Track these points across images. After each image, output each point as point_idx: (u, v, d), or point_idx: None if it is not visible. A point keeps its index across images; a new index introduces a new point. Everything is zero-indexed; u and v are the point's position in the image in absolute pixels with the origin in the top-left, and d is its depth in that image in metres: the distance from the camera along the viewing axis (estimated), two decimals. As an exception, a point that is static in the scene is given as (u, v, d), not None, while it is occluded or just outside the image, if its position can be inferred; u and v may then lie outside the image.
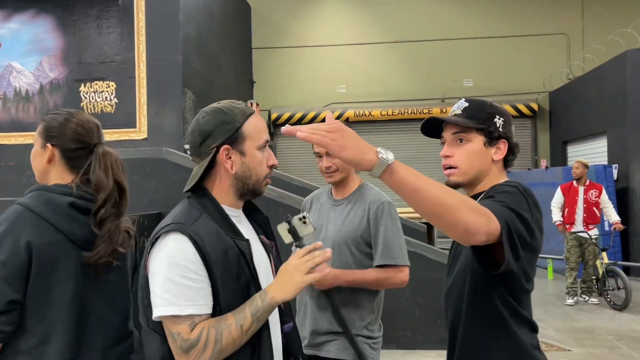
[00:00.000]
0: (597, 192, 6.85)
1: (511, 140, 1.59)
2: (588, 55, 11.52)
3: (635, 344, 5.30)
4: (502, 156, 1.58)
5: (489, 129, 1.55)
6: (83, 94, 9.01)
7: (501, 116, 1.58)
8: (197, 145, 1.44)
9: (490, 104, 1.61)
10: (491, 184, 1.56)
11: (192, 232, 1.33)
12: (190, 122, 6.37)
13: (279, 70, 13.46)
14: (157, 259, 1.33)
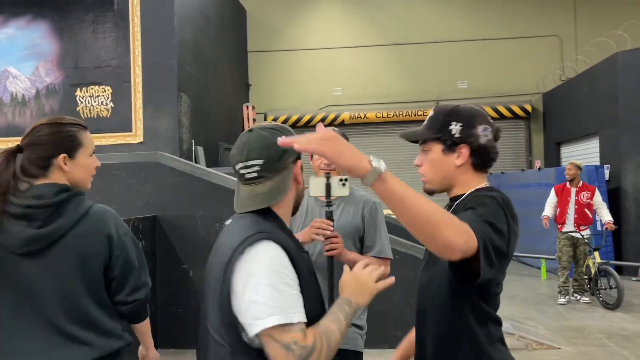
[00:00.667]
0: (589, 194, 6.94)
1: (474, 143, 1.58)
2: (580, 57, 11.63)
3: (624, 342, 5.38)
4: (464, 161, 1.59)
5: (443, 137, 1.59)
6: (79, 98, 9.07)
7: (459, 121, 1.59)
8: (275, 160, 1.42)
9: (450, 111, 1.62)
10: (468, 188, 1.61)
11: (282, 240, 1.35)
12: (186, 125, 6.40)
13: (275, 73, 13.54)
14: (252, 268, 1.29)
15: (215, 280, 1.35)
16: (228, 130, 11.79)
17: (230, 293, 1.30)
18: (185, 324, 5.16)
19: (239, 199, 1.44)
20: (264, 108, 13.51)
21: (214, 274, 1.37)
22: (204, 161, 9.55)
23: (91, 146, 1.85)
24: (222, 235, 1.46)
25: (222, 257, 1.35)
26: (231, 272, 1.30)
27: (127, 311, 1.82)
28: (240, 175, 1.44)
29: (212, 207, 5.17)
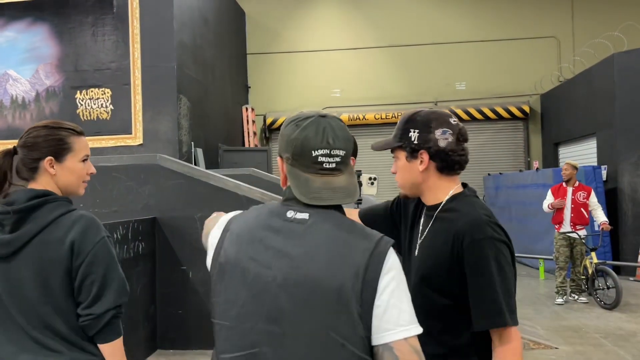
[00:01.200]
0: (585, 194, 7.00)
1: (432, 148, 1.61)
2: (577, 58, 11.68)
3: (620, 341, 5.43)
4: (426, 166, 1.62)
5: (404, 145, 1.64)
6: (79, 100, 9.12)
7: (416, 128, 1.63)
8: (350, 155, 1.31)
9: (409, 118, 1.67)
10: (440, 194, 1.64)
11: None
12: (185, 127, 6.44)
13: (274, 75, 13.60)
14: (392, 274, 1.20)
15: (328, 283, 1.16)
16: (227, 132, 11.84)
17: (373, 300, 1.17)
18: (184, 325, 5.20)
19: (316, 189, 1.25)
20: (263, 110, 13.56)
21: (321, 277, 1.17)
22: (203, 163, 9.59)
23: (83, 152, 1.84)
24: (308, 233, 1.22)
25: (334, 256, 1.19)
26: (374, 278, 1.17)
27: (82, 325, 1.69)
28: (318, 162, 1.25)
29: (211, 209, 5.17)
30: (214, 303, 1.27)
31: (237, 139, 12.62)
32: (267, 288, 1.19)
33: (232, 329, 1.22)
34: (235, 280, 1.23)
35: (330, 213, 1.26)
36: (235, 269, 1.23)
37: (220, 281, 1.26)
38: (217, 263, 1.27)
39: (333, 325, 1.16)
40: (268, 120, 13.43)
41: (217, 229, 1.34)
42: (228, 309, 1.24)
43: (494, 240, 1.52)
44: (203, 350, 5.10)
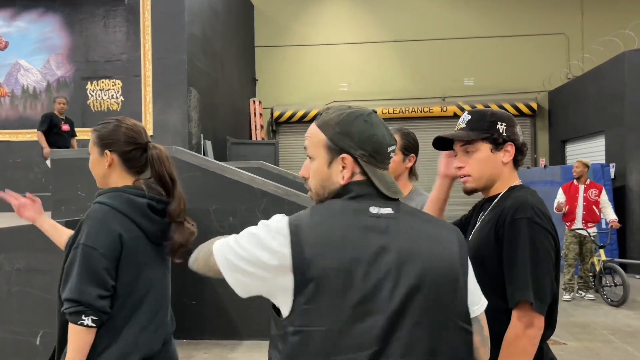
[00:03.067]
0: (597, 192, 7.03)
1: (517, 141, 1.71)
2: (587, 55, 11.67)
3: (629, 338, 5.47)
4: (511, 158, 1.71)
5: (493, 136, 1.70)
6: (90, 91, 9.16)
7: (503, 121, 1.70)
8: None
9: (492, 112, 1.73)
10: (505, 185, 1.72)
11: None
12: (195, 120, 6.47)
13: (282, 68, 13.60)
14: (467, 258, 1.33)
15: (441, 271, 1.24)
16: (234, 125, 11.86)
17: (467, 281, 1.28)
18: (199, 315, 5.25)
19: (391, 183, 1.30)
20: (271, 103, 13.57)
21: (432, 263, 1.23)
22: (212, 155, 9.63)
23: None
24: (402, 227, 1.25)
25: (437, 245, 1.26)
26: (466, 262, 1.30)
27: None
28: (389, 158, 1.32)
29: (225, 201, 5.25)
30: (305, 310, 1.17)
31: (245, 131, 12.65)
32: (383, 285, 1.18)
33: (343, 333, 1.17)
34: (338, 285, 1.17)
35: (404, 205, 1.31)
36: (338, 276, 1.17)
37: (316, 290, 1.17)
38: (307, 278, 1.17)
39: (449, 311, 1.24)
40: (275, 113, 13.45)
41: (270, 251, 1.19)
42: (332, 313, 1.17)
43: (533, 222, 1.57)
44: (217, 341, 5.16)
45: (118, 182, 1.88)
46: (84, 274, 1.73)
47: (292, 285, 1.18)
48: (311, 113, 13.26)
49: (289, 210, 5.17)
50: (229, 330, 5.18)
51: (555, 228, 1.62)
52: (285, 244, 1.18)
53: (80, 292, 1.72)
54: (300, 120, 13.33)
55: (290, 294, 1.18)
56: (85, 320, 1.71)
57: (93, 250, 1.74)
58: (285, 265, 1.18)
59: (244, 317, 5.22)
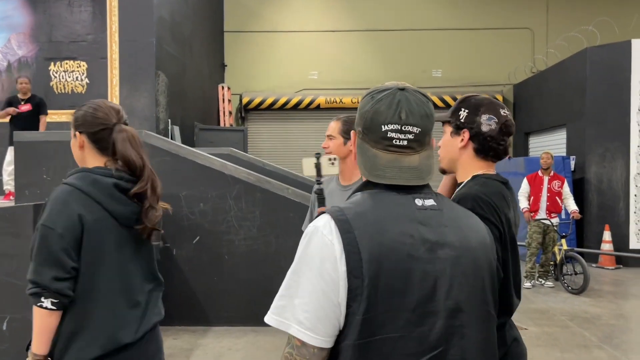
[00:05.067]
0: (560, 183, 7.27)
1: (473, 129, 1.72)
2: (551, 50, 11.97)
3: (585, 323, 5.71)
4: (464, 144, 1.74)
5: (452, 120, 1.78)
6: (53, 72, 8.87)
7: (467, 108, 1.75)
8: (427, 133, 1.23)
9: (464, 98, 1.80)
10: (468, 173, 1.75)
11: None
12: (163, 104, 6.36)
13: (251, 54, 13.47)
14: None
15: (485, 262, 1.21)
16: (203, 111, 11.71)
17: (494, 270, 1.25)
18: (167, 302, 5.19)
19: (380, 167, 1.19)
20: (240, 89, 13.45)
21: (474, 253, 1.19)
22: (180, 141, 9.49)
23: None
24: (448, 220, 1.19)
25: (476, 234, 1.22)
26: (495, 252, 1.28)
27: None
28: (387, 138, 1.19)
29: (196, 187, 5.22)
30: (365, 320, 1.07)
31: (213, 118, 12.50)
32: (441, 283, 1.12)
33: (403, 338, 1.08)
34: (398, 285, 1.09)
35: (439, 194, 1.25)
36: (395, 274, 1.08)
37: (374, 294, 1.07)
38: (364, 279, 1.07)
39: (488, 301, 1.21)
40: (244, 99, 13.33)
41: (325, 246, 1.10)
42: (394, 318, 1.08)
43: (474, 214, 1.59)
44: (186, 327, 5.14)
45: (92, 163, 1.86)
46: (42, 254, 1.70)
47: (344, 291, 1.08)
48: (280, 100, 13.21)
49: (261, 197, 5.18)
50: (198, 317, 5.17)
51: (501, 218, 1.62)
52: (337, 239, 1.09)
53: (37, 274, 1.69)
54: (269, 107, 13.27)
55: (343, 302, 1.08)
56: (44, 302, 1.68)
57: (51, 231, 1.69)
58: (337, 255, 1.09)
59: (213, 303, 5.21)
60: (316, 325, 1.07)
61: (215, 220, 5.18)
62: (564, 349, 4.88)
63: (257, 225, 5.19)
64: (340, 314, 1.08)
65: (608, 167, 9.22)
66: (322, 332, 1.08)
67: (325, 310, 1.07)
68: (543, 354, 4.76)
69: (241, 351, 4.57)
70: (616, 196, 9.13)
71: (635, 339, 5.43)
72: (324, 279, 1.08)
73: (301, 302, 1.09)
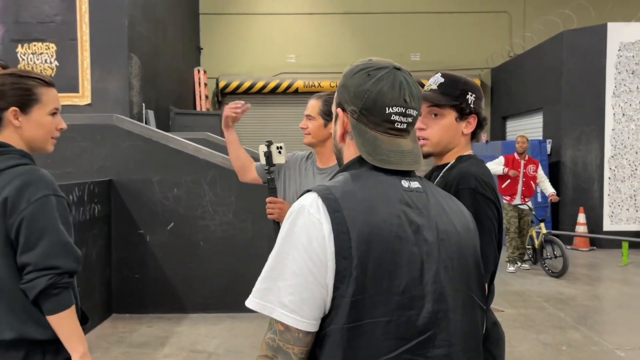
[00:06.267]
0: (534, 167, 7.28)
1: (481, 115, 1.71)
2: (528, 34, 12.00)
3: (560, 304, 5.79)
4: (472, 130, 1.71)
5: (461, 105, 1.67)
6: (20, 55, 8.57)
7: (473, 92, 1.69)
8: (418, 116, 1.21)
9: (465, 81, 1.71)
10: (457, 155, 1.71)
11: None
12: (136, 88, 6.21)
13: (228, 37, 13.23)
14: None
15: (470, 247, 1.18)
16: (178, 94, 11.49)
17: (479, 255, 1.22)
18: (141, 289, 5.12)
19: (385, 151, 1.13)
20: (216, 73, 13.22)
21: (459, 237, 1.16)
22: (154, 125, 9.29)
23: (52, 104, 1.70)
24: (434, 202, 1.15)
25: (460, 219, 1.19)
26: (478, 239, 1.23)
27: (24, 290, 1.58)
28: (390, 121, 1.13)
29: (169, 172, 5.09)
30: (354, 302, 1.02)
31: (189, 102, 12.28)
32: (427, 267, 1.08)
33: (392, 322, 1.04)
34: (387, 267, 1.04)
35: (424, 179, 1.20)
36: (384, 255, 1.04)
37: (363, 276, 1.02)
38: (353, 260, 1.02)
39: (472, 287, 1.17)
40: (221, 83, 13.11)
41: (313, 226, 1.04)
42: (383, 301, 1.04)
43: (477, 193, 1.56)
44: (161, 314, 5.06)
45: None
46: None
47: (332, 272, 1.03)
48: (258, 84, 13.03)
49: (237, 182, 5.06)
50: (173, 304, 5.09)
51: (498, 198, 1.63)
52: (325, 218, 1.04)
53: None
54: (246, 91, 13.08)
55: (330, 283, 1.03)
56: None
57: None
58: (326, 234, 1.03)
59: (188, 290, 5.13)
60: (301, 307, 1.02)
61: (189, 206, 5.08)
62: (540, 330, 4.93)
63: (232, 210, 5.09)
64: (327, 296, 1.03)
65: (583, 150, 9.32)
66: (307, 315, 1.03)
67: (312, 292, 1.02)
68: (519, 335, 4.80)
69: (217, 338, 4.50)
70: (591, 179, 9.25)
71: (608, 319, 5.51)
72: (312, 259, 1.02)
73: (286, 284, 1.03)
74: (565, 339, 4.69)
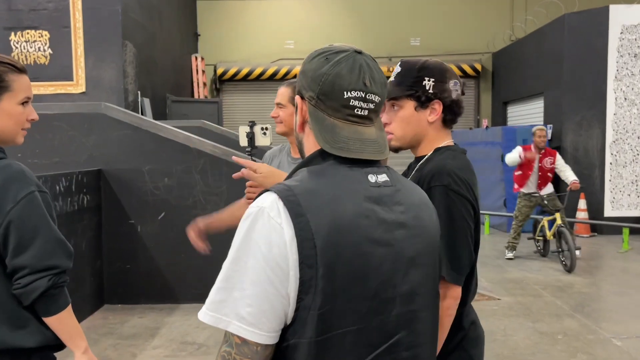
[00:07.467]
0: (552, 159, 6.88)
1: (446, 99, 1.56)
2: (530, 17, 11.80)
3: (558, 292, 5.72)
4: (437, 117, 1.57)
5: (417, 93, 1.55)
6: (14, 43, 8.48)
7: (432, 77, 1.55)
8: (382, 103, 1.13)
9: (421, 66, 1.58)
10: (432, 146, 1.60)
11: None
12: (131, 76, 6.09)
13: (225, 23, 13.08)
14: None
15: (435, 239, 1.13)
16: (175, 82, 11.38)
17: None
18: (133, 279, 5.08)
19: (343, 138, 1.05)
20: (214, 60, 13.09)
21: (428, 232, 1.11)
22: (150, 113, 9.21)
23: (23, 93, 1.57)
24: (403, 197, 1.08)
25: (427, 212, 1.13)
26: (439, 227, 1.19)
27: (18, 296, 1.49)
28: (349, 107, 1.05)
29: (160, 161, 5.02)
30: (322, 315, 0.95)
31: (186, 89, 12.18)
32: (397, 267, 1.02)
33: (364, 329, 0.98)
34: (356, 273, 0.97)
35: (391, 169, 1.13)
36: (353, 260, 0.97)
37: (330, 285, 0.95)
38: (319, 268, 0.94)
39: (437, 279, 1.14)
40: (219, 70, 12.99)
41: (274, 231, 0.95)
42: (353, 309, 0.97)
43: (450, 190, 1.47)
44: (152, 305, 5.02)
45: None
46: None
47: (295, 282, 0.94)
48: (256, 71, 12.90)
49: (227, 171, 5.01)
50: (165, 294, 5.05)
51: (475, 194, 1.52)
52: (286, 223, 0.94)
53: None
54: (244, 78, 12.96)
55: (292, 294, 0.95)
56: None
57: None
58: (287, 242, 0.94)
59: (180, 280, 5.08)
60: (260, 319, 0.94)
61: (180, 196, 5.01)
62: (536, 319, 4.87)
63: (224, 200, 5.02)
64: (289, 306, 0.95)
65: (584, 136, 9.19)
66: (267, 328, 0.95)
67: (272, 302, 0.94)
68: (515, 324, 4.74)
69: (208, 329, 4.46)
70: (592, 164, 9.13)
71: (606, 306, 5.45)
72: (271, 267, 0.94)
73: (243, 294, 0.95)
74: (562, 328, 4.63)
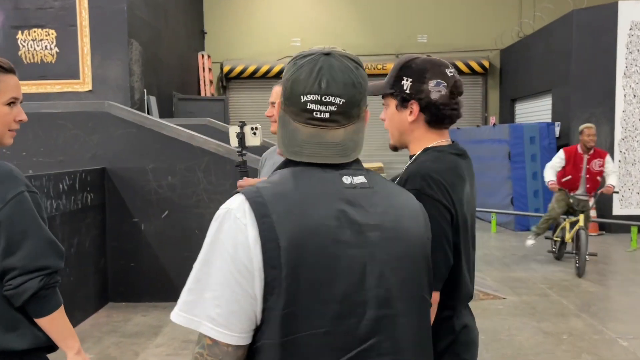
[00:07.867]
0: (601, 162, 6.45)
1: (423, 100, 1.53)
2: (538, 13, 11.69)
3: (564, 291, 5.67)
4: (415, 117, 1.55)
5: (395, 92, 1.55)
6: (21, 42, 8.52)
7: (410, 76, 1.54)
8: (355, 105, 1.08)
9: (403, 65, 1.57)
10: (422, 146, 1.58)
11: None
12: (137, 74, 6.10)
13: (232, 20, 13.08)
14: None
15: (419, 243, 1.10)
16: (182, 80, 11.40)
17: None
18: (136, 277, 5.09)
19: (298, 142, 1.04)
20: (220, 57, 13.10)
21: (409, 235, 1.08)
22: (156, 112, 9.24)
23: (10, 93, 1.55)
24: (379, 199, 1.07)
25: (410, 214, 1.11)
26: (429, 230, 1.16)
27: (9, 297, 1.48)
28: (307, 110, 1.04)
29: (163, 160, 5.03)
30: (285, 315, 0.95)
31: (193, 87, 12.20)
32: (370, 270, 1.00)
33: (330, 333, 0.97)
34: (323, 275, 0.97)
35: (371, 171, 1.11)
36: (318, 262, 0.96)
37: (294, 286, 0.95)
38: (282, 269, 0.94)
39: (422, 284, 1.10)
40: (225, 68, 13.00)
41: (239, 231, 0.96)
42: (319, 312, 0.96)
43: (422, 194, 1.42)
44: (155, 303, 5.03)
45: None
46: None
47: (260, 283, 0.95)
48: (263, 68, 12.90)
49: (231, 170, 5.00)
50: (168, 292, 5.05)
51: (452, 198, 1.46)
52: (251, 223, 0.95)
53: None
54: (251, 75, 12.96)
55: (259, 295, 0.96)
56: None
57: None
58: (252, 244, 0.95)
59: (183, 278, 5.03)
60: (230, 320, 0.95)
61: (184, 194, 5.02)
62: (541, 318, 4.83)
63: (228, 198, 5.01)
64: (257, 307, 0.96)
65: (593, 133, 9.09)
66: (237, 328, 0.96)
67: (240, 304, 0.95)
68: (520, 323, 4.70)
69: (211, 327, 4.47)
70: (600, 162, 9.03)
71: (612, 306, 5.40)
72: (237, 269, 0.95)
73: (213, 295, 0.96)
74: (567, 328, 4.59)
